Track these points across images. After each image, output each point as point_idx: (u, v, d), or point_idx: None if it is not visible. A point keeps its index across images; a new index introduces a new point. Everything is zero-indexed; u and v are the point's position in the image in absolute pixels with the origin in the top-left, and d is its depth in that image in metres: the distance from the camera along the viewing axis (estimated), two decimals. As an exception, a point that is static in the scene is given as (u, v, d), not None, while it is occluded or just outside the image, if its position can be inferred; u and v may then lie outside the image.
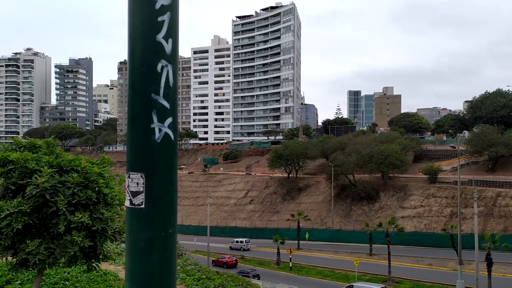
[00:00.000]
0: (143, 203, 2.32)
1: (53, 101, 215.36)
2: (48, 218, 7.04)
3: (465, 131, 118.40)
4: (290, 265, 54.52)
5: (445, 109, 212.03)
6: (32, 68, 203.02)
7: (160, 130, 2.35)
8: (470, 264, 45.69)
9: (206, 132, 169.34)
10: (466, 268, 44.60)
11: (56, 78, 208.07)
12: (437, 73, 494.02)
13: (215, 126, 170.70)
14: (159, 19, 2.34)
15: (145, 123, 2.33)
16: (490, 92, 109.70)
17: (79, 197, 6.95)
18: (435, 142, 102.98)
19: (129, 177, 2.35)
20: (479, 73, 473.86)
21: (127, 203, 2.37)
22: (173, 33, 2.40)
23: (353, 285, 40.18)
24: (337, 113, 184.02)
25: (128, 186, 2.35)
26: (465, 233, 53.99)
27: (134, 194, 2.33)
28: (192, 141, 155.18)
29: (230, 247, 69.07)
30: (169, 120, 2.37)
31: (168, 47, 2.37)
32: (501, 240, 41.20)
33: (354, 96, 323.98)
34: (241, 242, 68.34)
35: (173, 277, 2.41)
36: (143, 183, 2.32)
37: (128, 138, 2.38)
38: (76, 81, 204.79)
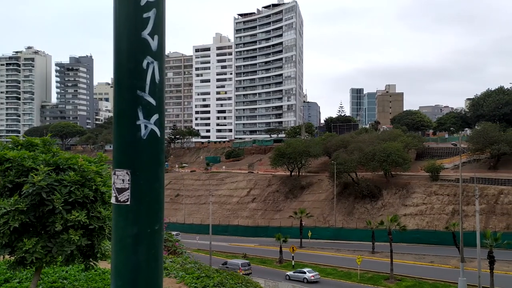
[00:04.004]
0: (129, 199, 2.33)
1: (54, 99, 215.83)
2: (45, 217, 7.05)
3: (466, 128, 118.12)
4: (293, 263, 54.55)
5: (447, 106, 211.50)
6: (33, 66, 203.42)
7: (146, 126, 2.35)
8: (472, 262, 45.62)
9: (208, 131, 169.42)
10: (468, 265, 44.55)
11: (56, 76, 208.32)
12: (441, 70, 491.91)
13: (217, 125, 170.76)
14: (145, 15, 2.35)
15: (131, 120, 2.34)
16: (492, 89, 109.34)
17: (76, 195, 6.95)
18: (437, 140, 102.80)
19: (114, 174, 2.36)
20: (483, 70, 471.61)
21: (113, 200, 2.37)
22: (159, 29, 2.40)
23: (227, 262, 50.62)
24: (339, 111, 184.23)
25: (114, 183, 2.35)
26: (467, 230, 53.93)
27: (120, 190, 2.34)
28: (194, 140, 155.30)
29: None
30: (155, 117, 2.38)
31: (154, 43, 2.37)
32: (503, 238, 41.13)
33: (357, 94, 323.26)
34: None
35: (160, 274, 2.42)
36: (128, 180, 2.33)
37: (114, 135, 2.39)
38: (76, 79, 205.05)
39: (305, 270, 48.56)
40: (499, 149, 71.99)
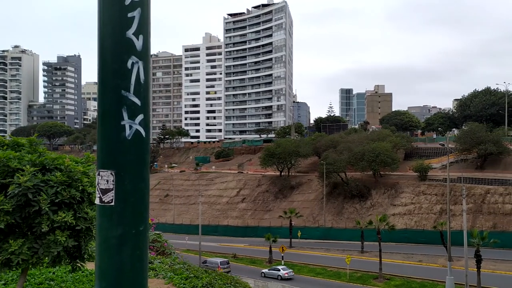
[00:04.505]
0: (113, 200, 2.31)
1: (41, 99, 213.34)
2: (31, 218, 6.97)
3: (454, 129, 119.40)
4: (282, 263, 54.61)
5: (435, 107, 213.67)
6: (20, 65, 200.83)
7: (130, 127, 2.34)
8: (460, 261, 46.11)
9: (198, 131, 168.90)
10: (456, 264, 45.02)
11: (44, 75, 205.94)
12: (429, 71, 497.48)
13: (207, 125, 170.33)
14: (129, 15, 2.33)
15: (116, 120, 2.32)
16: (479, 90, 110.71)
17: (62, 196, 6.88)
18: (425, 140, 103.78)
19: (99, 174, 2.34)
20: (471, 71, 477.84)
21: (97, 201, 2.36)
22: (144, 29, 2.38)
23: (206, 260, 51.86)
24: (329, 111, 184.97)
25: (98, 184, 2.34)
26: (455, 230, 54.50)
27: (104, 191, 2.32)
28: (183, 140, 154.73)
29: None
30: (140, 117, 2.37)
31: (138, 43, 2.36)
32: (490, 237, 41.59)
33: (346, 94, 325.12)
34: None
35: (145, 275, 2.40)
36: (113, 180, 2.31)
37: (99, 135, 2.37)
38: (64, 78, 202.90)
39: (279, 267, 50.39)
40: (486, 149, 72.82)
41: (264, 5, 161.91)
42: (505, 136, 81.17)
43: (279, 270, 49.36)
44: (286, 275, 48.46)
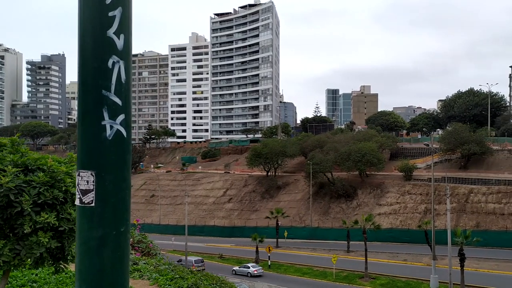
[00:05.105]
0: (93, 201, 2.29)
1: (25, 98, 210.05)
2: (13, 219, 6.86)
3: (438, 129, 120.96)
4: (269, 263, 54.73)
5: (420, 107, 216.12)
6: (3, 64, 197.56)
7: (111, 127, 2.32)
8: (444, 259, 46.77)
9: (184, 131, 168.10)
10: (440, 263, 45.64)
11: (27, 75, 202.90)
12: (415, 72, 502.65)
13: (194, 125, 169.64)
14: (110, 14, 2.31)
15: (96, 120, 2.30)
16: (463, 91, 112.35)
17: (45, 196, 6.79)
18: (410, 140, 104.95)
19: (79, 175, 2.32)
20: (455, 73, 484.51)
21: (77, 202, 2.33)
22: (125, 28, 2.36)
23: (181, 259, 52.89)
24: (315, 111, 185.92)
25: (78, 184, 2.31)
26: (439, 229, 55.23)
27: (84, 192, 2.30)
28: (170, 140, 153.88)
29: None
30: (121, 117, 2.35)
31: (119, 42, 2.34)
32: (473, 236, 42.24)
33: (333, 95, 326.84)
34: None
35: (126, 277, 2.38)
36: (93, 181, 2.29)
37: (79, 135, 2.35)
38: (48, 78, 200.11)
39: (249, 265, 52.55)
40: (469, 149, 73.90)
41: (251, 5, 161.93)
42: (488, 137, 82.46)
43: (249, 268, 51.31)
44: (256, 272, 50.31)
